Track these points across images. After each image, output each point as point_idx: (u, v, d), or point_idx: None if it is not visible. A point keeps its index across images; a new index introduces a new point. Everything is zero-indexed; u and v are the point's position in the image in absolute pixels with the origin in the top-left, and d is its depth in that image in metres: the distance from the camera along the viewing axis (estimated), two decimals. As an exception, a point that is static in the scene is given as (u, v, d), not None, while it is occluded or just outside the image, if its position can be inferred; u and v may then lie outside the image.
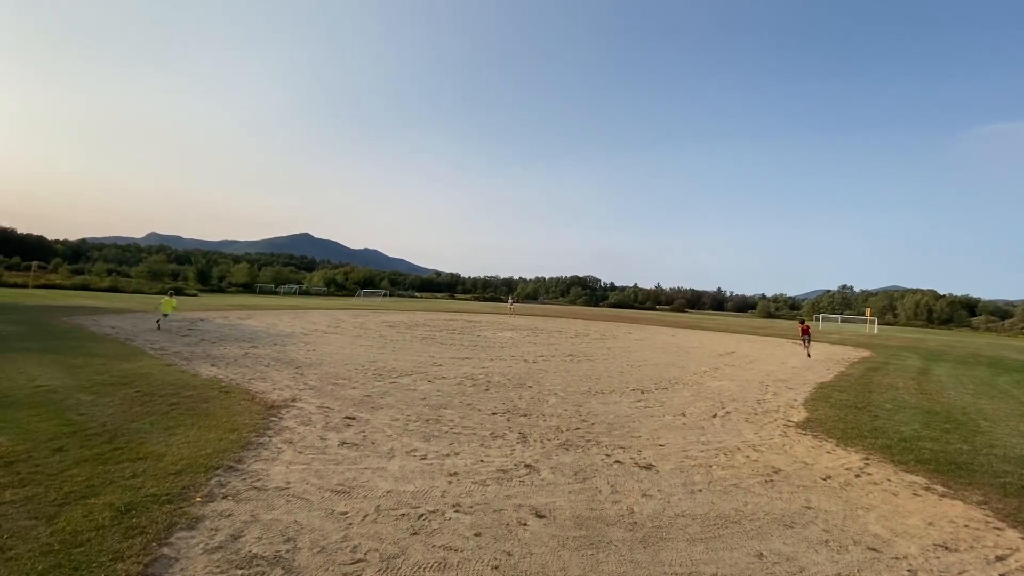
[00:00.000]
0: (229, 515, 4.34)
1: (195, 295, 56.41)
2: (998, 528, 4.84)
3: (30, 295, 36.63)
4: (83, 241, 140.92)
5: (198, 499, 4.56)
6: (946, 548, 4.42)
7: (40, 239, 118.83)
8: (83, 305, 28.96)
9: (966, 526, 4.86)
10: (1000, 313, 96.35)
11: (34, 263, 65.83)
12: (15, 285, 49.42)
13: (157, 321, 19.01)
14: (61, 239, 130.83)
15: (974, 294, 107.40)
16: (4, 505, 4.20)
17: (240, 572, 3.54)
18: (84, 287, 53.74)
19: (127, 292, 52.81)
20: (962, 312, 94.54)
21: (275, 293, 77.77)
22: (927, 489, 5.83)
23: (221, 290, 76.50)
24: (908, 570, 4.03)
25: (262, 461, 5.69)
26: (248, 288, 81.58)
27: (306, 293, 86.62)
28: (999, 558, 4.27)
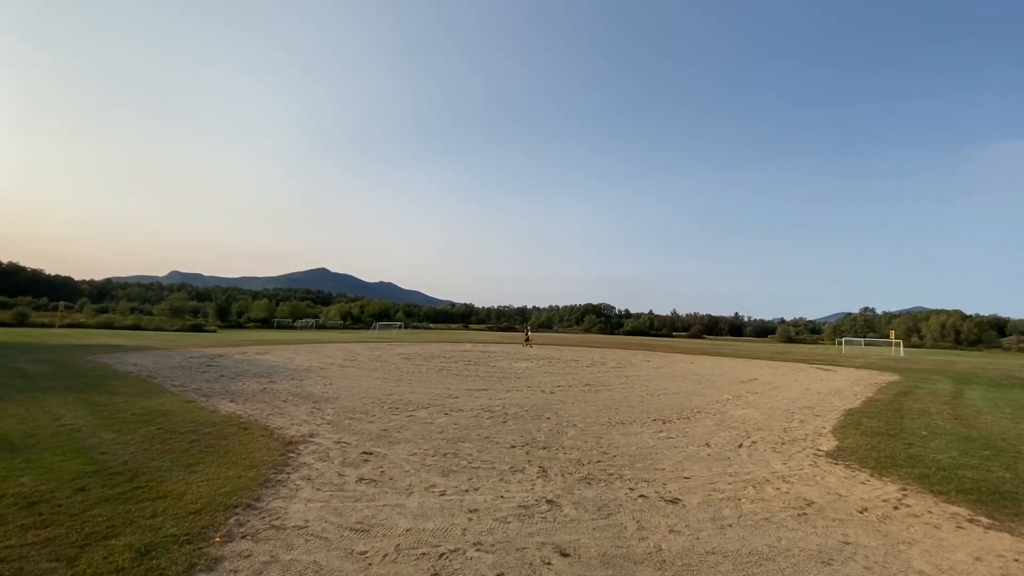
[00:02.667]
0: (248, 555, 4.28)
1: (214, 331, 57.27)
2: (1053, 563, 4.55)
3: (56, 334, 37.54)
4: (108, 281, 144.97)
5: (217, 539, 4.51)
6: (998, 586, 4.17)
7: (68, 280, 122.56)
8: (106, 343, 29.54)
9: (1016, 560, 4.58)
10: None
11: (61, 303, 67.79)
12: (43, 325, 50.81)
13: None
14: (88, 279, 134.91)
15: (1002, 313, 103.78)
16: (26, 547, 4.20)
17: (259, 616, 3.46)
18: (108, 325, 54.93)
19: (148, 329, 53.85)
20: (991, 332, 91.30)
21: (292, 328, 78.61)
22: (971, 521, 5.54)
23: (240, 326, 77.59)
24: (959, 611, 3.79)
25: (280, 499, 5.64)
26: (266, 323, 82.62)
27: (323, 327, 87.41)
28: (1057, 597, 4.00)
